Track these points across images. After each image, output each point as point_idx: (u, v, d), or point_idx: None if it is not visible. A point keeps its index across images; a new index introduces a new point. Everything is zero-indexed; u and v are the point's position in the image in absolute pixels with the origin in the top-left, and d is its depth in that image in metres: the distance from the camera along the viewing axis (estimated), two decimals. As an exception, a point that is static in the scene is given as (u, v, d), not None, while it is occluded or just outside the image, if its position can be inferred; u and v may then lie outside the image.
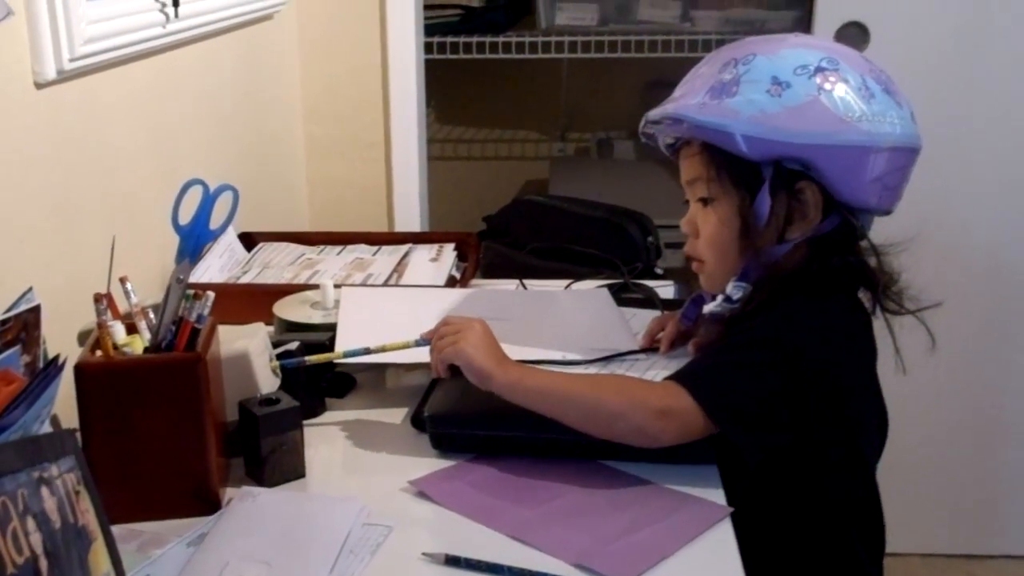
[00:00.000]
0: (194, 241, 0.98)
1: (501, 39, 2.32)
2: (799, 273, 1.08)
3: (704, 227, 1.12)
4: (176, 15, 1.37)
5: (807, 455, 1.06)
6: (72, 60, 1.13)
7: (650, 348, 1.23)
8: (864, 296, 1.10)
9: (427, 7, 2.16)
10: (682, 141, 1.13)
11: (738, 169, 1.06)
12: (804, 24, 2.18)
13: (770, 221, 1.06)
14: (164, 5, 1.35)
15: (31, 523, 0.64)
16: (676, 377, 1.04)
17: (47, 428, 0.80)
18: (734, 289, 1.09)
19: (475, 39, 2.31)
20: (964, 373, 2.23)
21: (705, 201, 1.11)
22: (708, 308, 1.12)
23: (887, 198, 1.07)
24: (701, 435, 1.01)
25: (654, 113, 1.13)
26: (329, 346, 1.18)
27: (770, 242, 1.07)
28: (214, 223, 0.99)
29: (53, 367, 0.77)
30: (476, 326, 1.08)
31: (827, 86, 1.03)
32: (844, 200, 1.05)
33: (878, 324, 1.10)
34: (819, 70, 1.04)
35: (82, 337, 1.09)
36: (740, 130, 1.03)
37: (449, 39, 2.30)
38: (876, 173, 1.04)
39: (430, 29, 2.22)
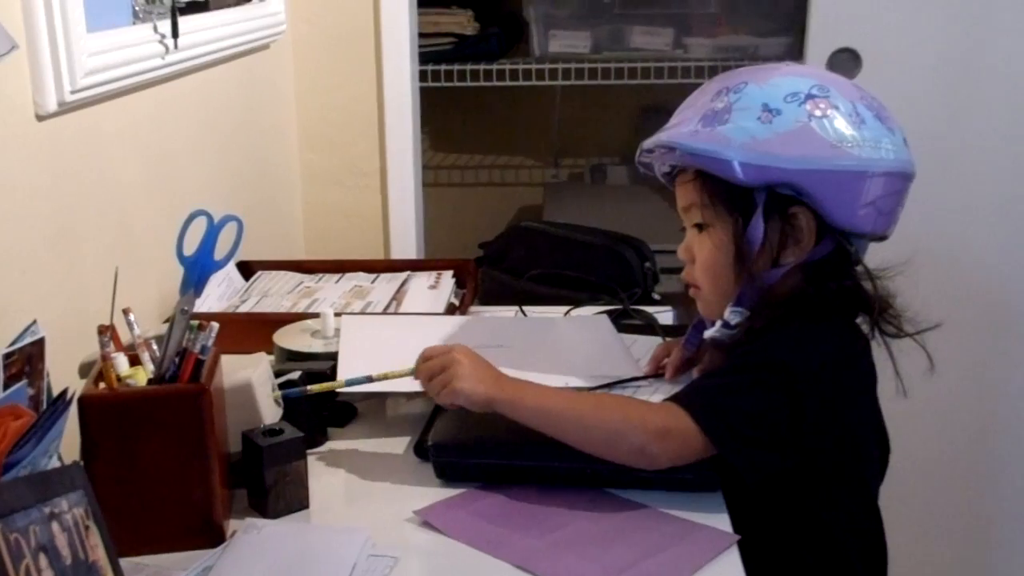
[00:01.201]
0: (198, 272, 0.98)
1: (495, 67, 2.34)
2: (796, 298, 1.08)
3: (700, 253, 1.13)
4: (175, 46, 1.38)
5: (807, 479, 1.06)
6: (73, 92, 1.13)
7: (655, 374, 1.24)
8: (863, 320, 1.11)
9: (420, 35, 2.18)
10: (678, 169, 1.15)
11: (731, 195, 1.07)
12: (796, 50, 2.19)
13: (764, 246, 1.07)
14: (164, 36, 1.36)
15: (43, 560, 0.63)
16: (675, 398, 1.05)
17: (55, 462, 0.80)
18: (732, 314, 1.09)
19: (468, 67, 2.33)
20: (964, 394, 2.23)
21: (700, 227, 1.12)
22: (708, 334, 1.13)
23: (881, 223, 1.08)
24: (699, 456, 1.01)
25: (648, 142, 1.14)
26: (331, 375, 1.18)
27: (764, 267, 1.08)
28: (218, 253, 0.99)
29: (61, 401, 0.77)
30: (460, 358, 1.06)
31: (817, 113, 1.04)
32: (837, 225, 1.06)
33: (878, 348, 1.10)
34: (809, 97, 1.04)
35: (84, 369, 1.08)
36: (732, 156, 1.04)
37: (443, 67, 2.31)
38: (869, 198, 1.05)
39: (424, 57, 2.23)
